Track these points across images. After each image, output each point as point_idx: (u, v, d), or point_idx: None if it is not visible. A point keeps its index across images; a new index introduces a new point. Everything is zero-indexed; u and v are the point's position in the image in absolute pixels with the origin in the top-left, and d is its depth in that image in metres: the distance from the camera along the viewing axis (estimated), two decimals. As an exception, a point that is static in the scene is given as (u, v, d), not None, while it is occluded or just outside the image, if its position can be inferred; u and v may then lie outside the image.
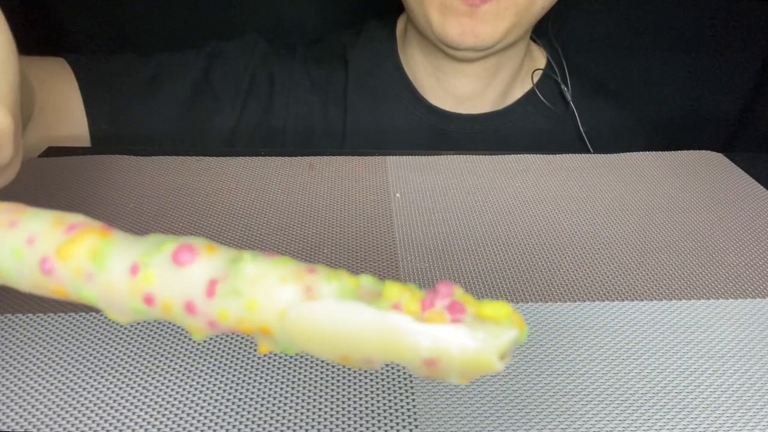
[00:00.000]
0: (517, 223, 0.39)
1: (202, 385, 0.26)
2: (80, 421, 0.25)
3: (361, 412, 0.26)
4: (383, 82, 0.58)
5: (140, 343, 0.29)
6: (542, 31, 0.59)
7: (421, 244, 0.36)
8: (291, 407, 0.26)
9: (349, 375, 0.27)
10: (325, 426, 0.25)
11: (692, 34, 0.73)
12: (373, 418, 0.25)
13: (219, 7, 0.70)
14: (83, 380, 0.27)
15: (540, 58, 0.61)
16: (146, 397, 0.26)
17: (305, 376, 0.27)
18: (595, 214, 0.40)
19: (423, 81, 0.57)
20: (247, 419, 0.25)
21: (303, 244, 0.36)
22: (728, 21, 0.73)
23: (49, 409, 0.25)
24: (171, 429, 0.24)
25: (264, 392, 0.26)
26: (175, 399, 0.26)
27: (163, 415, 0.25)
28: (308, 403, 0.26)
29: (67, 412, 0.25)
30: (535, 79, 0.59)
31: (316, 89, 0.58)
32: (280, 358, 0.28)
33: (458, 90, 0.56)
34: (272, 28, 0.70)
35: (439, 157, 0.47)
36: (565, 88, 0.58)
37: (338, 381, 0.27)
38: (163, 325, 0.30)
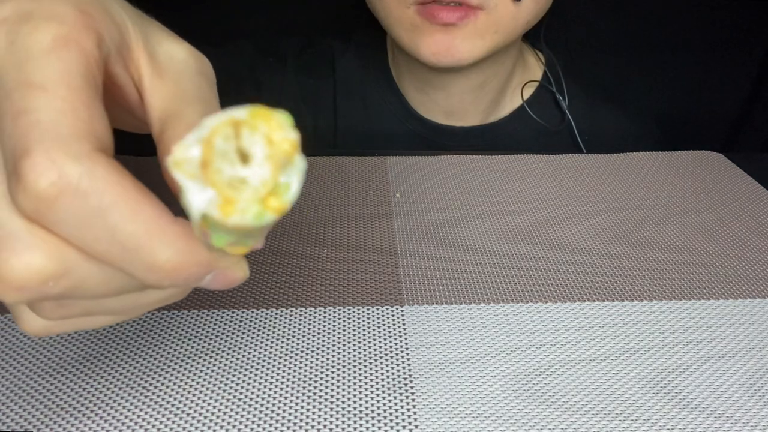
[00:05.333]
0: (517, 223, 0.39)
1: (202, 385, 0.26)
2: (80, 421, 0.25)
3: (361, 412, 0.26)
4: (373, 93, 0.57)
5: (140, 343, 0.29)
6: (536, 38, 0.58)
7: (421, 244, 0.36)
8: (291, 407, 0.26)
9: (349, 375, 0.27)
10: (325, 426, 0.25)
11: (692, 34, 0.73)
12: (373, 418, 0.25)
13: (211, 9, 0.70)
14: (83, 380, 0.27)
15: (536, 67, 0.59)
16: (146, 397, 0.26)
17: (305, 376, 0.27)
18: (595, 214, 0.40)
19: (412, 92, 0.56)
20: (247, 419, 0.25)
21: (303, 244, 0.36)
22: (728, 21, 0.72)
23: (49, 409, 0.25)
24: (171, 429, 0.24)
25: (264, 392, 0.26)
26: (175, 399, 0.26)
27: (163, 415, 0.25)
28: (308, 403, 0.26)
29: (67, 412, 0.25)
30: (526, 93, 0.57)
31: (306, 99, 0.57)
32: (280, 358, 0.28)
33: (445, 103, 0.55)
34: (262, 30, 0.70)
35: (439, 157, 0.47)
36: (561, 98, 0.56)
37: (338, 381, 0.27)
38: (163, 325, 0.30)
